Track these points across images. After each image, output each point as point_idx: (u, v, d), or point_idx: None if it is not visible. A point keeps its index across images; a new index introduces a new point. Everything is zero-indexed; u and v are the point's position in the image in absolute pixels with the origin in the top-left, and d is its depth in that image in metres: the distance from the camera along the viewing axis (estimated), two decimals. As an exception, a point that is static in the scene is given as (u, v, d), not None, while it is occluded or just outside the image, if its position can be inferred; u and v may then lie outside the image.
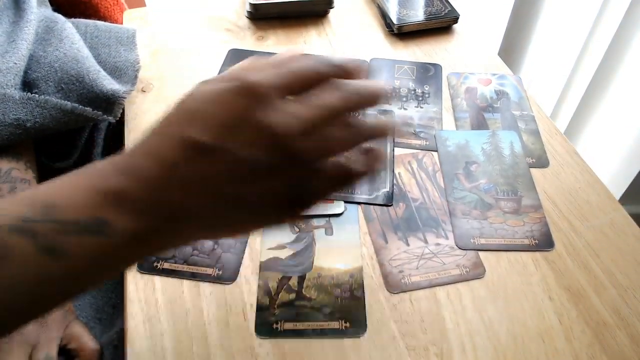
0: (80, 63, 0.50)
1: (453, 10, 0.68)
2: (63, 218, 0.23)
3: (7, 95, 0.44)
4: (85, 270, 0.23)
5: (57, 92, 0.48)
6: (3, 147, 0.46)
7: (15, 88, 0.46)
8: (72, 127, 0.50)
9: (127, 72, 0.54)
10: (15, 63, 0.46)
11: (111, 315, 0.51)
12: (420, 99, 0.59)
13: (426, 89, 0.60)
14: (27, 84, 0.48)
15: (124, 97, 0.52)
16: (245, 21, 0.70)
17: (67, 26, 0.53)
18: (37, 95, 0.46)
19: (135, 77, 0.55)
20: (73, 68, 0.49)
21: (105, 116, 0.50)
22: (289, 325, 0.39)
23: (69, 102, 0.48)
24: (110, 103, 0.51)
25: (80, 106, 0.48)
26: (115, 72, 0.54)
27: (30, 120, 0.46)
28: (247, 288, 0.42)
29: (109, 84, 0.51)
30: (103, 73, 0.51)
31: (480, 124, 0.56)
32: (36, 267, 0.22)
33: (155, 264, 0.43)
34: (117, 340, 0.47)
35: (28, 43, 0.48)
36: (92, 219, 0.23)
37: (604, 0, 0.89)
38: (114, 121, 0.52)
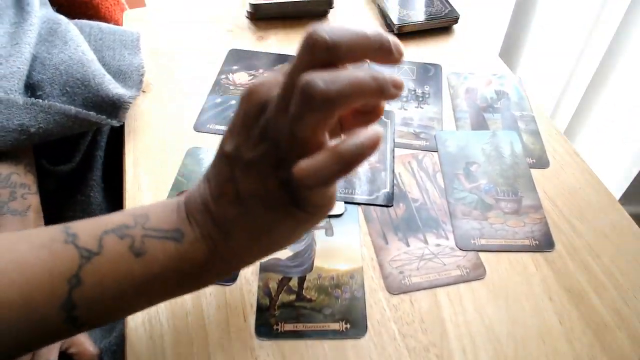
0: (86, 66, 0.49)
1: (453, 10, 0.68)
2: (152, 227, 0.27)
3: (11, 101, 0.44)
4: (162, 273, 0.27)
5: (62, 95, 0.48)
6: (3, 151, 0.45)
7: (18, 93, 0.45)
8: (76, 131, 0.50)
9: (131, 76, 0.54)
10: (19, 67, 0.46)
11: None
12: (421, 99, 0.59)
13: (426, 89, 0.60)
14: (31, 86, 0.48)
15: (130, 102, 0.51)
16: (245, 21, 0.70)
17: (71, 28, 0.53)
18: (41, 101, 0.46)
19: (140, 81, 0.55)
20: (78, 71, 0.49)
21: (109, 120, 0.50)
22: (289, 327, 0.39)
23: (73, 107, 0.47)
24: (115, 107, 0.50)
25: (85, 111, 0.48)
26: (119, 75, 0.53)
27: (34, 125, 0.45)
28: (247, 289, 0.42)
29: (115, 88, 0.51)
30: (108, 77, 0.51)
31: (480, 125, 0.56)
32: (125, 266, 0.26)
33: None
34: (115, 345, 0.47)
35: (31, 47, 0.48)
36: (174, 229, 0.27)
37: (604, 0, 0.89)
38: (118, 125, 0.52)
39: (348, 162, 0.22)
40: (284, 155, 0.24)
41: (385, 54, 0.24)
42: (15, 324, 0.25)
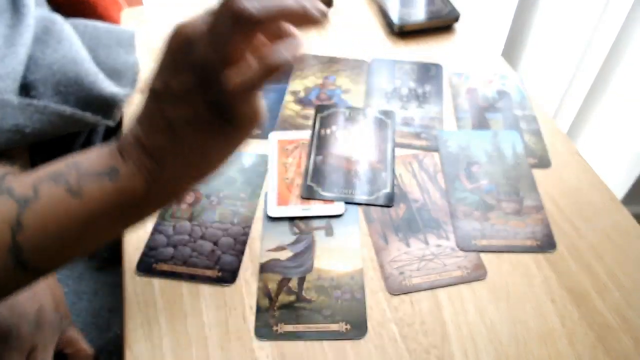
0: (79, 65, 0.49)
1: (454, 9, 0.68)
2: (86, 169, 0.29)
3: (6, 101, 0.44)
4: (103, 209, 0.29)
5: (55, 94, 0.48)
6: None
7: (13, 93, 0.45)
8: (70, 131, 0.50)
9: (126, 75, 0.54)
10: (14, 68, 0.46)
11: (107, 319, 0.51)
12: (422, 99, 0.58)
13: (427, 89, 0.60)
14: (25, 86, 0.47)
15: (124, 101, 0.51)
16: (245, 20, 0.70)
17: (66, 27, 0.52)
18: (35, 101, 0.46)
19: (135, 80, 0.55)
20: (72, 70, 0.49)
21: (104, 120, 0.50)
22: (288, 327, 0.39)
23: (68, 107, 0.47)
24: (109, 107, 0.50)
25: (80, 111, 0.48)
26: (114, 74, 0.53)
27: (29, 126, 0.45)
28: (246, 290, 0.41)
29: (108, 86, 0.50)
30: (102, 76, 0.51)
31: (481, 124, 0.55)
32: (63, 207, 0.28)
33: (154, 265, 0.43)
34: (112, 345, 0.47)
35: (27, 48, 0.48)
36: (108, 168, 0.29)
37: (606, -1, 0.88)
38: (113, 125, 0.51)
39: (272, 68, 0.25)
40: (209, 76, 0.26)
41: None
42: None
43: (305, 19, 0.26)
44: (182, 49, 0.27)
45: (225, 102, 0.27)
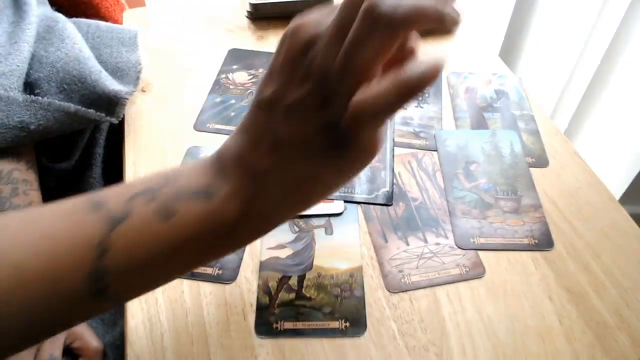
0: (82, 63, 0.50)
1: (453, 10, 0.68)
2: (181, 186, 0.26)
3: (11, 98, 0.44)
4: (193, 234, 0.25)
5: (59, 92, 0.48)
6: (4, 148, 0.46)
7: (18, 90, 0.46)
8: (75, 129, 0.50)
9: (128, 73, 0.54)
10: (18, 65, 0.46)
11: (113, 315, 0.51)
12: (420, 98, 0.59)
13: (426, 88, 0.60)
14: (29, 85, 0.48)
15: (126, 98, 0.52)
16: (245, 21, 0.70)
17: (69, 26, 0.53)
18: (40, 98, 0.46)
19: (137, 78, 0.55)
20: (75, 68, 0.49)
21: (108, 118, 0.50)
22: (288, 325, 0.39)
23: (72, 105, 0.48)
24: (112, 104, 0.50)
25: (84, 108, 0.48)
26: (116, 72, 0.54)
27: (34, 122, 0.46)
28: (247, 287, 0.42)
29: (111, 84, 0.51)
30: (105, 73, 0.51)
31: (480, 124, 0.56)
32: (153, 229, 0.25)
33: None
34: (119, 339, 0.47)
35: (30, 45, 0.48)
36: (203, 186, 0.26)
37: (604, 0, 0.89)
38: (117, 122, 0.52)
39: (411, 89, 0.21)
40: (331, 92, 0.23)
41: None
42: (42, 295, 0.24)
43: (440, 24, 0.22)
44: (300, 52, 0.24)
45: (346, 126, 0.23)
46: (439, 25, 0.21)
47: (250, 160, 0.25)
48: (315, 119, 0.23)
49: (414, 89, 0.21)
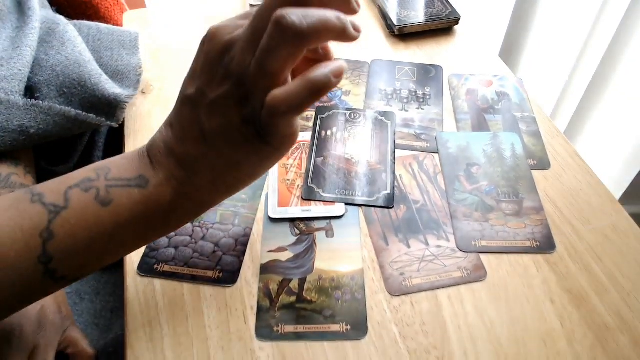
0: (82, 67, 0.49)
1: (454, 11, 0.68)
2: (114, 177, 0.29)
3: (11, 102, 0.44)
4: (130, 218, 0.28)
5: (59, 96, 0.48)
6: (3, 152, 0.45)
7: (19, 94, 0.46)
8: (75, 133, 0.50)
9: (129, 76, 0.54)
10: (20, 70, 0.46)
11: (109, 320, 0.51)
12: (422, 100, 0.59)
13: (427, 90, 0.60)
14: (29, 88, 0.48)
15: (126, 102, 0.51)
16: (245, 22, 0.70)
17: (69, 29, 0.53)
18: (41, 102, 0.46)
19: (138, 81, 0.55)
20: (75, 72, 0.49)
21: (108, 122, 0.50)
22: (289, 328, 0.39)
23: (73, 109, 0.48)
24: (112, 108, 0.50)
25: (84, 113, 0.48)
26: (117, 75, 0.54)
27: (34, 126, 0.46)
28: (247, 291, 0.42)
29: (111, 88, 0.51)
30: (105, 77, 0.51)
31: (481, 126, 0.56)
32: (92, 216, 0.28)
33: (155, 266, 0.43)
34: (112, 346, 0.47)
35: (32, 50, 0.48)
36: (137, 175, 0.29)
37: (604, 0, 0.89)
38: (117, 126, 0.52)
39: (319, 88, 0.24)
40: (248, 92, 0.25)
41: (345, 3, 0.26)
42: None
43: (343, 37, 0.25)
44: (219, 54, 0.26)
45: (263, 120, 0.26)
46: (342, 38, 0.25)
47: (180, 151, 0.28)
48: (236, 114, 0.26)
49: (321, 88, 0.24)
